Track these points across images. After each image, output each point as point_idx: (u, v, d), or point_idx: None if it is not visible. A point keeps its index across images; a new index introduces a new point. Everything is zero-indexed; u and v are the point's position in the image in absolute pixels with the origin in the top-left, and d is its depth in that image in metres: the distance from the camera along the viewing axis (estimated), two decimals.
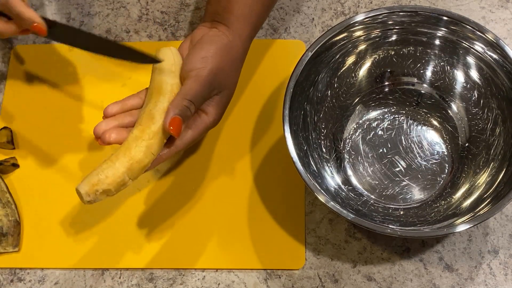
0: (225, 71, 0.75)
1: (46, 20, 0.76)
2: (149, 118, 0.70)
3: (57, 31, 0.77)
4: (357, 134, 0.84)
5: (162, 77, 0.73)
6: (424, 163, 0.82)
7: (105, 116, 0.73)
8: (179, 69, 0.74)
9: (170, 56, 0.74)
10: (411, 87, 0.85)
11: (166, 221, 0.82)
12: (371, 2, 0.92)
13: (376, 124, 0.84)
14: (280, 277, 0.79)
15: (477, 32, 0.78)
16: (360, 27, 0.81)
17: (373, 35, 0.82)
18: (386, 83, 0.85)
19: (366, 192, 0.81)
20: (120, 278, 0.80)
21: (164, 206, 0.83)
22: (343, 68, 0.84)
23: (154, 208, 0.83)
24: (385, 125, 0.84)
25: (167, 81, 0.72)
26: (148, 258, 0.81)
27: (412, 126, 0.84)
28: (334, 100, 0.84)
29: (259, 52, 0.90)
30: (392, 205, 0.80)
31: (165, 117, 0.70)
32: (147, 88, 0.75)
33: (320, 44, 0.78)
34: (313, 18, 0.92)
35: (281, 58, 0.89)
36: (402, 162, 0.82)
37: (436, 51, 0.83)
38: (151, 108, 0.71)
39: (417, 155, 0.83)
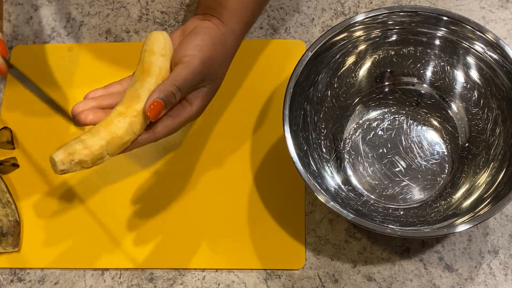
0: (217, 63, 0.74)
1: (6, 61, 0.74)
2: (135, 96, 0.70)
3: (14, 73, 0.75)
4: (357, 134, 0.84)
5: (152, 59, 0.72)
6: (424, 163, 0.82)
7: (85, 99, 0.71)
8: (169, 54, 0.73)
9: (161, 40, 0.74)
10: (411, 87, 0.85)
11: (166, 221, 0.82)
12: (371, 2, 0.92)
13: (376, 124, 0.84)
14: (280, 277, 0.79)
15: (477, 32, 0.78)
16: (360, 27, 0.81)
17: (373, 35, 0.82)
18: (386, 83, 0.85)
19: (366, 192, 0.81)
20: (120, 278, 0.80)
21: (164, 206, 0.83)
22: (343, 68, 0.84)
23: (154, 208, 0.83)
24: (385, 125, 0.84)
25: (156, 63, 0.72)
26: (148, 258, 0.81)
27: (412, 126, 0.84)
28: (334, 100, 0.84)
29: (259, 52, 0.90)
30: (392, 205, 0.80)
31: (148, 99, 0.69)
32: (130, 76, 0.74)
33: (320, 44, 0.78)
34: (313, 18, 0.92)
35: (281, 58, 0.89)
36: (402, 162, 0.82)
37: (436, 51, 0.83)
38: (137, 88, 0.71)
39: (417, 155, 0.83)
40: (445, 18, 0.79)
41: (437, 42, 0.82)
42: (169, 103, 0.70)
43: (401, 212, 0.80)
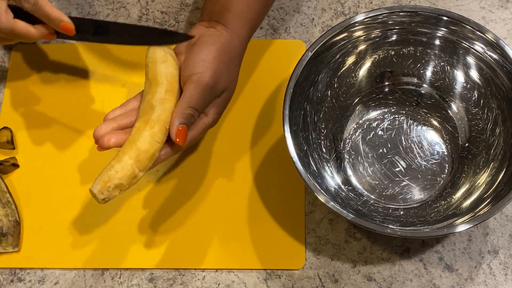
0: (225, 73, 0.75)
1: (72, 19, 0.76)
2: (149, 108, 0.71)
3: (84, 29, 0.76)
4: (357, 134, 0.84)
5: (156, 68, 0.73)
6: (424, 163, 0.82)
7: (106, 120, 0.73)
8: (171, 59, 0.74)
9: (159, 49, 0.74)
10: (411, 87, 0.85)
11: (166, 222, 0.82)
12: (371, 2, 0.92)
13: (376, 124, 0.84)
14: (280, 277, 0.79)
15: (477, 32, 0.78)
16: (360, 27, 0.81)
17: (373, 35, 0.82)
18: (386, 83, 0.85)
19: (366, 192, 0.81)
20: (120, 278, 0.80)
21: (164, 206, 0.83)
22: (343, 68, 0.84)
23: (154, 209, 0.83)
24: (385, 125, 0.84)
25: (161, 71, 0.73)
26: (148, 258, 0.81)
27: (412, 126, 0.84)
28: (334, 100, 0.84)
29: (259, 52, 0.90)
30: (392, 205, 0.81)
31: (171, 127, 0.70)
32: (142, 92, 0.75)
33: (320, 44, 0.78)
34: (313, 18, 0.92)
35: (281, 58, 0.89)
36: (402, 162, 0.82)
37: (436, 51, 0.83)
38: (149, 99, 0.72)
39: (417, 155, 0.83)
40: (445, 18, 0.79)
41: (437, 42, 0.82)
42: (190, 124, 0.72)
43: (401, 212, 0.80)
